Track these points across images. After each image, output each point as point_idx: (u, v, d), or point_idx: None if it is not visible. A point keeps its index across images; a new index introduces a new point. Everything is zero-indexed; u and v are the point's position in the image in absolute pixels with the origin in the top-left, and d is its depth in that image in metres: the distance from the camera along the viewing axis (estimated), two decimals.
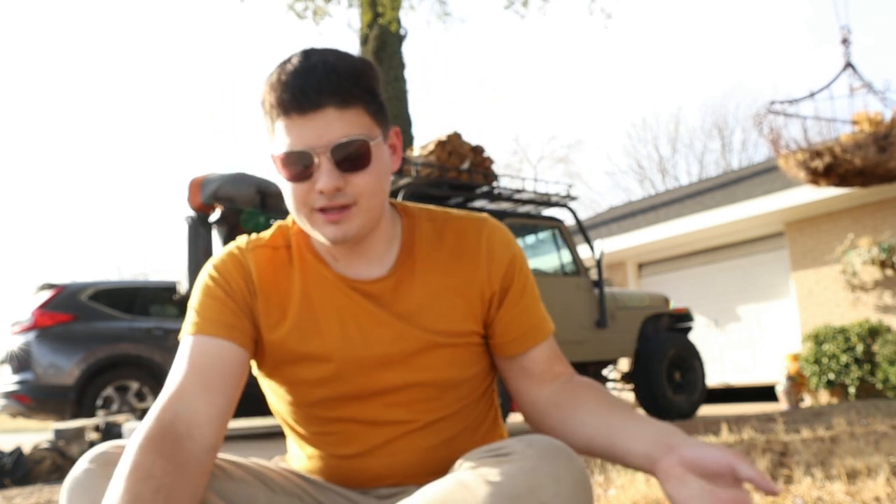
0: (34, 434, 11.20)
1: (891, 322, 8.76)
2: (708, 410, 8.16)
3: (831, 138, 6.06)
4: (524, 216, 6.47)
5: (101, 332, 6.66)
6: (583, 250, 9.29)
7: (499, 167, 27.60)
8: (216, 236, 5.33)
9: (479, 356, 1.15)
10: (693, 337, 8.24)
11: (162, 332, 6.91)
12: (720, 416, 6.31)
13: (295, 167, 0.99)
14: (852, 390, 8.56)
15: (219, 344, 1.02)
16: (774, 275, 10.40)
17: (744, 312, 10.75)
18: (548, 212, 6.90)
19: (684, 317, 7.44)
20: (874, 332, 8.53)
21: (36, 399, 6.40)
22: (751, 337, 10.63)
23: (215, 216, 5.31)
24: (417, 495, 0.89)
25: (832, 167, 5.89)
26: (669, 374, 6.81)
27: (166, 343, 6.84)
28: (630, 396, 11.01)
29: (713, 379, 10.46)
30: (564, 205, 6.82)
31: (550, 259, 6.64)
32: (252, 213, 5.19)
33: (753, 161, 22.67)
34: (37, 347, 6.44)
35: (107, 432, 5.03)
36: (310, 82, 0.96)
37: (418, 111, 48.47)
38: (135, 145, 47.69)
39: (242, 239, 1.15)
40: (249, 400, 1.62)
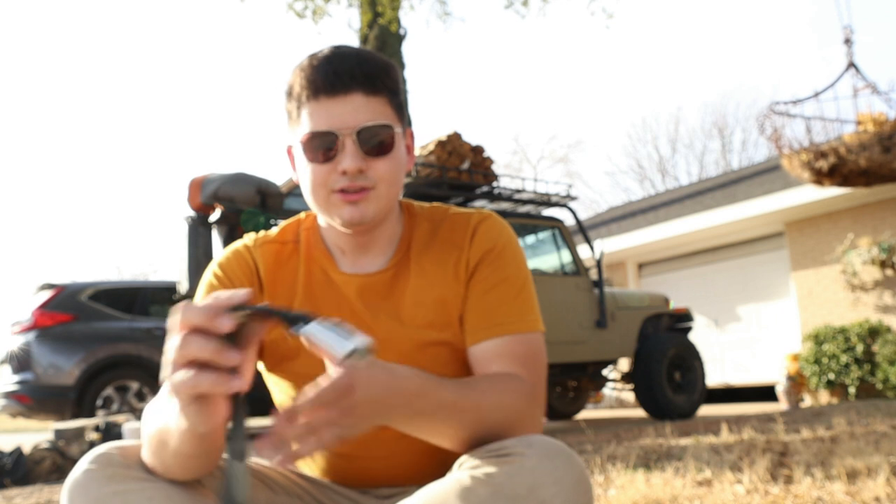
0: (34, 434, 11.19)
1: (891, 322, 8.76)
2: (708, 410, 8.15)
3: (835, 138, 6.08)
4: (524, 216, 6.47)
5: (101, 332, 6.66)
6: (583, 250, 9.28)
7: (499, 167, 27.59)
8: (216, 236, 5.33)
9: None
10: (693, 337, 8.24)
11: (162, 332, 6.91)
12: (720, 416, 6.31)
13: (319, 148, 1.01)
14: (852, 390, 8.56)
15: None
16: (774, 275, 10.39)
17: (744, 312, 10.75)
18: (548, 212, 6.91)
19: (684, 317, 7.43)
20: (874, 332, 8.53)
21: (36, 399, 6.40)
22: (751, 337, 10.62)
23: (215, 216, 5.30)
24: (418, 495, 0.89)
25: (836, 167, 5.90)
26: (669, 374, 6.81)
27: (166, 343, 6.84)
28: (630, 396, 11.03)
29: (713, 379, 10.45)
30: (564, 205, 6.83)
31: (550, 259, 6.64)
32: (252, 213, 5.19)
33: (753, 161, 22.69)
34: (37, 347, 6.44)
35: (107, 432, 5.02)
36: (343, 66, 1.00)
37: (418, 111, 48.50)
38: (135, 145, 47.73)
39: (251, 236, 1.16)
40: (250, 400, 1.62)
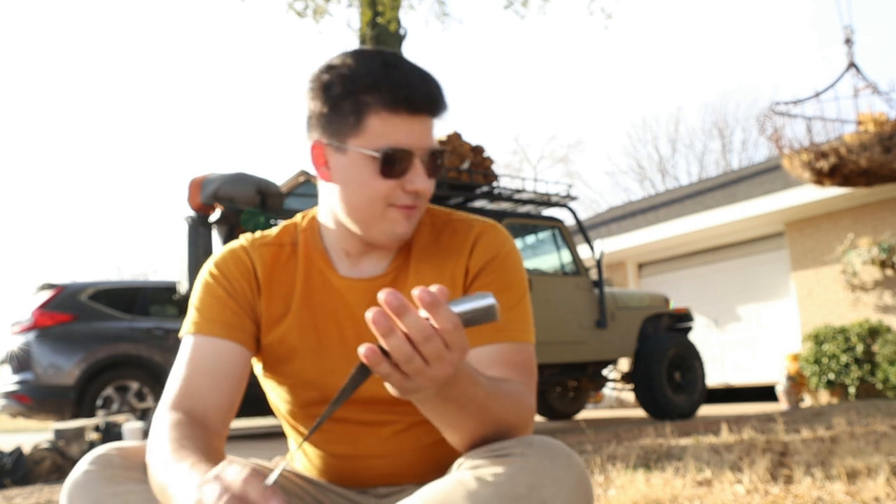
0: (34, 434, 11.18)
1: (891, 322, 8.76)
2: (708, 410, 8.15)
3: (835, 139, 6.08)
4: (524, 216, 6.47)
5: (101, 332, 6.66)
6: (583, 250, 9.28)
7: (499, 167, 27.59)
8: (216, 236, 5.33)
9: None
10: (693, 337, 8.24)
11: (162, 332, 6.90)
12: (720, 416, 6.31)
13: (392, 163, 1.01)
14: (852, 390, 8.56)
15: (220, 344, 1.04)
16: (774, 275, 10.39)
17: (744, 312, 10.74)
18: (548, 212, 6.90)
19: (684, 317, 7.43)
20: (874, 332, 8.53)
21: (36, 399, 6.40)
22: (751, 337, 10.62)
23: (215, 216, 5.30)
24: (417, 495, 0.89)
25: (837, 167, 5.90)
26: (669, 374, 6.81)
27: (166, 343, 6.84)
28: (630, 396, 11.03)
29: (713, 379, 10.45)
30: (564, 205, 6.82)
31: (550, 259, 6.64)
32: (252, 213, 5.19)
33: (753, 161, 22.68)
34: (37, 347, 6.44)
35: (107, 432, 5.02)
36: (430, 88, 1.02)
37: None
38: (135, 145, 47.73)
39: (247, 236, 1.15)
40: (250, 400, 1.63)
